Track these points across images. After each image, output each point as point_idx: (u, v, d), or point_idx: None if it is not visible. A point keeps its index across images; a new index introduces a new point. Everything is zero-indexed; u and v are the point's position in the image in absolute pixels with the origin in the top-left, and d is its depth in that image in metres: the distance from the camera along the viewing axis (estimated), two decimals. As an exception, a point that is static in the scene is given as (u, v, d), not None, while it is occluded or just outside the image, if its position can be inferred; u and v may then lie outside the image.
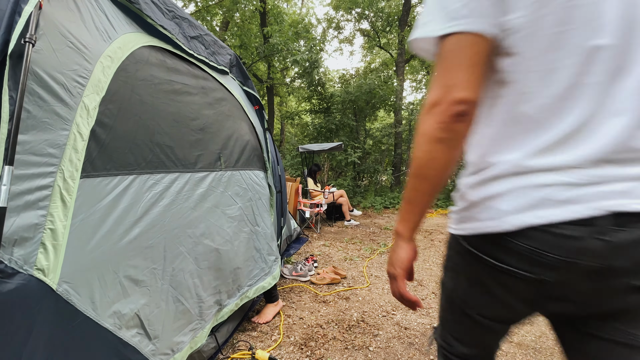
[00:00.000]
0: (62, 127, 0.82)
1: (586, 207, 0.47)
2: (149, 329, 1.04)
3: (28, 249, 0.73)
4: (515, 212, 0.51)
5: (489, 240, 0.55)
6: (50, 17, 0.82)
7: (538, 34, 0.49)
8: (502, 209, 0.53)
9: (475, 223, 0.57)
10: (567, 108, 0.50)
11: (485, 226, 0.55)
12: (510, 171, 0.53)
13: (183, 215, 1.26)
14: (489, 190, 0.55)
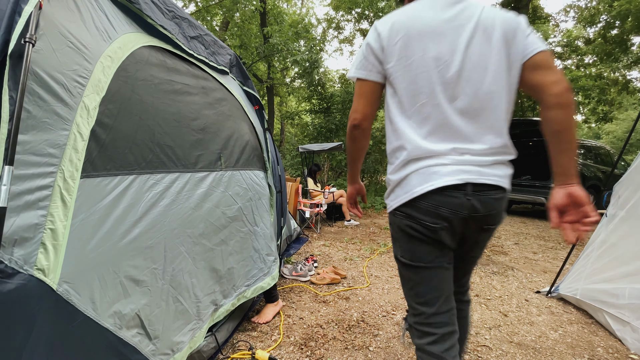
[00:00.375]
0: (62, 127, 0.82)
1: (454, 179, 0.80)
2: (149, 329, 1.04)
3: (28, 249, 0.73)
4: (418, 186, 0.84)
5: (408, 207, 0.86)
6: (50, 17, 0.82)
7: (405, 74, 0.86)
8: (412, 184, 0.85)
9: (399, 198, 0.88)
10: (431, 119, 0.85)
11: (403, 199, 0.87)
12: (405, 161, 0.87)
13: (183, 215, 1.26)
14: (401, 174, 0.88)
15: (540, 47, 0.83)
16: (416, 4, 0.91)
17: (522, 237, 4.26)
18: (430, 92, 0.84)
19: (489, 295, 2.30)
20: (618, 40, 9.59)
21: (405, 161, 0.87)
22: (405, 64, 0.85)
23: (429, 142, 0.84)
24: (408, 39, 0.85)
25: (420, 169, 0.84)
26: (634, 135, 20.43)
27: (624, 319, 1.68)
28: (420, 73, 0.84)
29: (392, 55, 0.86)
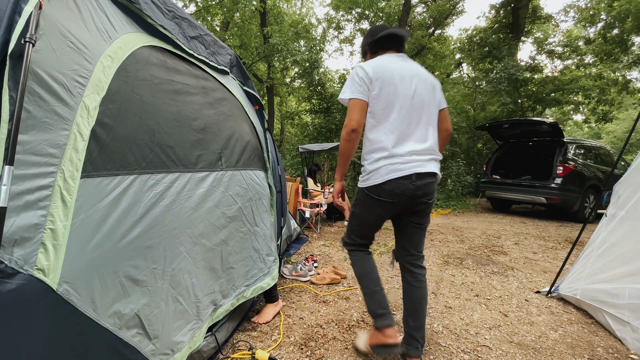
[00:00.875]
0: (62, 127, 0.82)
1: (405, 172, 1.30)
2: (149, 329, 1.04)
3: (28, 249, 0.73)
4: (384, 175, 1.32)
5: (375, 187, 1.35)
6: (51, 17, 0.82)
7: (382, 101, 1.33)
8: (381, 174, 1.33)
9: (370, 181, 1.37)
10: (395, 131, 1.34)
11: (374, 182, 1.35)
12: (378, 158, 1.35)
13: (184, 215, 1.26)
14: (375, 166, 1.35)
15: (446, 105, 1.51)
16: (381, 57, 1.44)
17: (522, 237, 4.26)
18: (397, 115, 1.35)
19: (489, 295, 2.30)
20: (618, 40, 9.59)
21: (378, 158, 1.35)
22: (383, 93, 1.34)
23: (395, 147, 1.34)
24: (384, 78, 1.35)
25: (388, 164, 1.33)
26: (634, 135, 20.43)
27: (624, 319, 1.68)
28: (392, 101, 1.35)
29: (375, 87, 1.35)
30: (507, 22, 10.86)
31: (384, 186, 1.34)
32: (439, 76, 13.14)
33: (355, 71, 1.38)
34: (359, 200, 1.46)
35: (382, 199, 1.36)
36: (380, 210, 1.40)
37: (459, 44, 12.52)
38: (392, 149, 1.32)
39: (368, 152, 1.38)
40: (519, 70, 8.33)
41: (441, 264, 3.02)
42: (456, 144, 9.06)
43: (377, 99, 1.34)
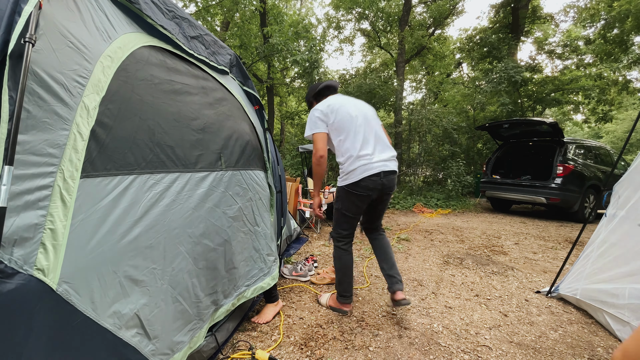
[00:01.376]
0: (62, 127, 0.82)
1: (376, 170, 1.77)
2: (148, 329, 1.04)
3: (28, 249, 0.73)
4: (360, 174, 1.76)
5: (354, 184, 1.79)
6: (50, 17, 0.82)
7: (341, 121, 1.82)
8: (357, 173, 1.77)
9: (349, 180, 1.80)
10: (359, 139, 1.82)
11: (352, 180, 1.78)
12: (352, 162, 1.79)
13: (183, 215, 1.26)
14: (351, 168, 1.79)
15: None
16: (332, 97, 1.95)
17: (522, 237, 4.26)
18: (356, 128, 1.83)
19: (489, 295, 2.30)
20: (618, 40, 9.59)
21: (352, 162, 1.79)
22: (339, 117, 1.82)
23: (361, 151, 1.79)
24: (336, 108, 1.84)
25: (362, 165, 1.77)
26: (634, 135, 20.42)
27: (624, 319, 1.68)
28: (348, 120, 1.83)
29: (332, 117, 1.83)
30: (507, 22, 10.86)
31: (360, 182, 1.78)
32: (439, 76, 13.15)
33: (312, 114, 1.87)
34: (340, 197, 1.90)
35: (359, 193, 1.81)
36: (358, 202, 1.84)
37: (459, 44, 12.52)
38: (359, 152, 1.78)
39: (344, 159, 1.83)
40: (519, 73, 8.32)
41: (441, 264, 3.02)
42: (456, 144, 9.05)
43: (337, 122, 1.82)
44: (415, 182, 8.89)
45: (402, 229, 4.73)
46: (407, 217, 5.89)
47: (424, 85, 14.87)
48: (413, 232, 4.47)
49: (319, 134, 1.81)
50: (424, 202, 7.22)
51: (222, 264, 1.49)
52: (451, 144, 8.74)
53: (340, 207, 1.89)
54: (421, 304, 2.13)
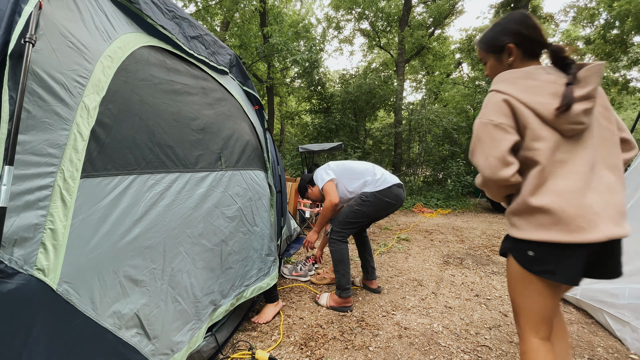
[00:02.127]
0: (62, 127, 0.82)
1: (397, 180, 2.13)
2: (148, 329, 1.04)
3: (28, 249, 0.73)
4: (390, 180, 2.10)
5: (385, 191, 2.06)
6: (50, 17, 0.82)
7: (350, 171, 2.26)
8: (386, 179, 2.10)
9: (381, 186, 2.07)
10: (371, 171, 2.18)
11: (384, 186, 2.07)
12: (374, 177, 2.15)
13: (183, 215, 1.26)
14: (377, 177, 2.12)
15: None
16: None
17: (522, 237, 4.26)
18: (366, 166, 2.21)
19: (489, 295, 2.30)
20: (618, 40, 9.59)
21: (373, 177, 2.12)
22: (344, 169, 2.22)
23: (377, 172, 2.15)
24: (341, 164, 2.25)
25: (384, 174, 2.15)
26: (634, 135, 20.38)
27: (624, 319, 1.68)
28: (355, 165, 2.24)
29: (337, 172, 2.20)
30: (507, 22, 10.85)
31: (392, 190, 2.05)
32: (439, 76, 13.15)
33: (323, 169, 2.23)
34: (368, 202, 2.04)
35: (389, 201, 2.05)
36: (384, 208, 2.09)
37: (459, 44, 12.52)
38: (374, 171, 2.18)
39: (362, 180, 2.13)
40: None
41: (441, 264, 3.02)
42: (456, 144, 9.05)
43: (345, 169, 2.22)
44: (415, 182, 8.89)
45: (402, 229, 4.73)
46: (407, 217, 5.89)
47: (424, 85, 14.88)
48: (413, 232, 4.47)
49: (330, 182, 2.12)
50: (424, 202, 7.22)
51: (220, 264, 1.49)
52: (451, 144, 8.74)
53: (364, 211, 2.05)
54: (421, 304, 2.13)
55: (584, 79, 0.87)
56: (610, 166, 0.90)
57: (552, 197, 0.86)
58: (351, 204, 2.09)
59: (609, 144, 0.92)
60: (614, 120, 0.96)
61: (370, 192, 2.05)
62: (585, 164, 0.87)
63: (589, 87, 0.85)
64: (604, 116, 0.93)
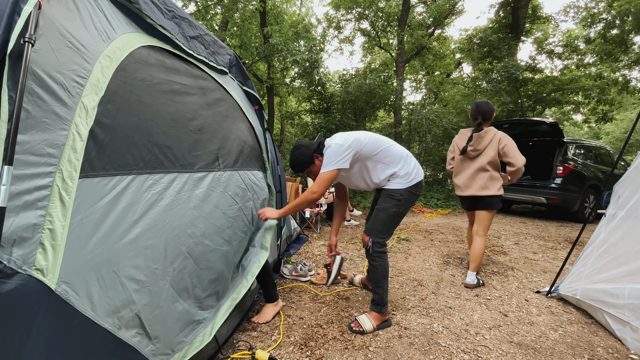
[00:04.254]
0: (61, 127, 0.82)
1: (421, 177, 1.81)
2: (149, 329, 1.04)
3: (27, 249, 0.73)
4: (420, 173, 1.80)
5: (416, 186, 1.77)
6: (50, 17, 0.82)
7: (370, 144, 1.75)
8: (413, 180, 1.75)
9: (413, 180, 1.75)
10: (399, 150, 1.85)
11: (416, 180, 1.76)
12: (406, 162, 1.80)
13: (183, 215, 1.26)
14: (410, 168, 1.77)
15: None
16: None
17: (522, 237, 4.26)
18: (389, 141, 1.84)
19: (489, 295, 2.30)
20: (618, 40, 9.59)
21: (405, 161, 1.79)
22: (377, 146, 1.77)
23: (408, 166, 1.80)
24: (376, 143, 1.77)
25: (415, 163, 1.82)
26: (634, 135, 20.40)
27: (624, 319, 1.68)
28: (378, 138, 1.82)
29: (360, 142, 1.73)
30: (507, 22, 10.86)
31: (420, 183, 1.78)
32: (439, 76, 13.14)
33: (343, 142, 1.72)
34: (402, 201, 1.74)
35: (418, 194, 1.79)
36: (412, 203, 1.82)
37: (459, 44, 12.51)
38: (404, 154, 1.87)
39: (397, 164, 1.78)
40: (519, 70, 8.33)
41: (441, 264, 3.02)
42: (456, 144, 9.04)
43: (368, 143, 1.80)
44: (415, 182, 8.86)
45: (402, 229, 4.73)
46: (407, 217, 5.89)
47: (424, 85, 14.87)
48: (413, 232, 4.47)
49: (332, 171, 1.65)
50: (424, 202, 7.22)
51: (224, 264, 1.49)
52: (451, 144, 8.73)
53: (402, 211, 1.76)
54: (421, 304, 2.13)
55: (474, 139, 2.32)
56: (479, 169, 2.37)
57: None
58: (385, 207, 1.74)
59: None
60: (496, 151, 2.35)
61: (405, 188, 1.72)
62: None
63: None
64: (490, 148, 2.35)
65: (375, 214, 1.79)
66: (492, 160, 2.34)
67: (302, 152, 1.75)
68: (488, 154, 2.31)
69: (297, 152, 1.76)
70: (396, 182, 1.74)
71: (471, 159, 2.41)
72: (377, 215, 1.77)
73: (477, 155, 2.36)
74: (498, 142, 2.29)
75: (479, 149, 2.36)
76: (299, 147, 1.78)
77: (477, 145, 2.36)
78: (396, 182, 1.74)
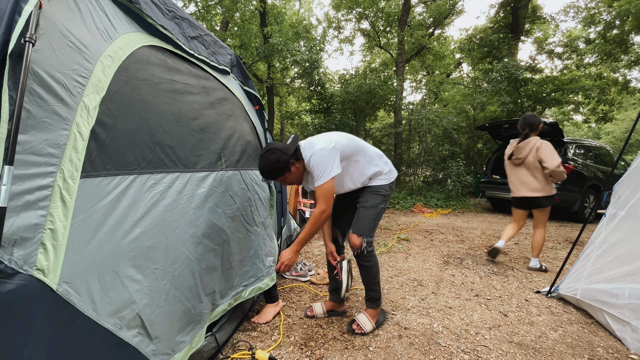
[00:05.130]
0: (62, 127, 0.82)
1: (396, 172, 1.84)
2: (150, 329, 1.04)
3: (28, 249, 0.73)
4: (394, 173, 1.80)
5: (394, 181, 1.79)
6: (51, 17, 0.82)
7: (350, 148, 1.65)
8: (392, 176, 1.78)
9: (393, 177, 1.78)
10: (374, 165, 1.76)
11: (395, 175, 1.80)
12: (384, 160, 1.81)
13: (185, 215, 1.26)
14: (389, 166, 1.80)
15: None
16: (308, 142, 1.69)
17: (522, 237, 4.26)
18: (376, 157, 1.79)
19: (488, 295, 2.30)
20: (618, 40, 9.59)
21: (382, 159, 1.80)
22: (356, 148, 1.70)
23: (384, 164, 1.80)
24: (354, 146, 1.69)
25: (390, 166, 1.82)
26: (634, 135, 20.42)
27: (624, 319, 1.68)
28: (353, 141, 1.71)
29: (341, 144, 1.62)
30: (507, 22, 10.86)
31: (396, 178, 1.81)
32: (439, 76, 13.14)
33: (326, 147, 1.61)
34: (387, 196, 1.75)
35: (393, 189, 1.82)
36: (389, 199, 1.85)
37: (459, 44, 12.52)
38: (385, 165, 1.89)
39: (377, 163, 1.76)
40: (519, 70, 8.33)
41: (441, 264, 3.02)
42: (456, 144, 9.05)
43: (347, 146, 1.73)
44: (415, 182, 8.89)
45: (402, 229, 4.73)
46: (407, 217, 5.89)
47: (423, 85, 14.87)
48: (413, 232, 4.47)
49: (332, 180, 1.52)
50: (424, 202, 7.22)
51: (220, 264, 1.49)
52: (451, 144, 8.74)
53: (383, 207, 1.73)
54: (421, 304, 2.13)
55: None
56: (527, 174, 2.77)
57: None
58: (374, 204, 1.69)
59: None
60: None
61: (388, 184, 1.73)
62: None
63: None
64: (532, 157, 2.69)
65: (364, 213, 1.68)
66: (535, 166, 2.70)
67: (277, 158, 1.49)
68: (529, 160, 2.70)
69: (271, 157, 1.49)
70: (381, 178, 1.73)
71: (517, 165, 2.83)
72: (365, 213, 1.68)
73: (520, 162, 2.77)
74: (536, 150, 2.65)
75: (521, 157, 2.75)
76: (273, 150, 1.50)
77: (518, 154, 2.78)
78: (381, 179, 1.73)
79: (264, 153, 1.53)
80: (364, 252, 1.67)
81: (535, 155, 2.67)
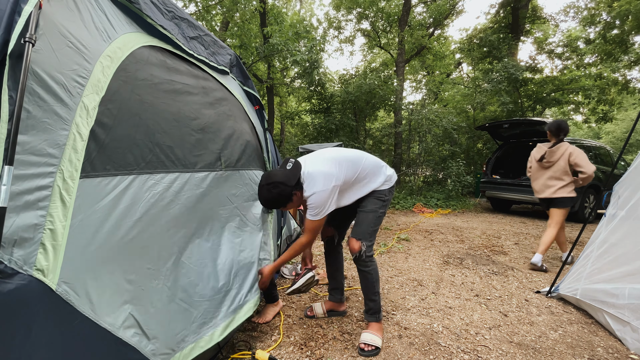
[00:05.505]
0: (61, 127, 0.82)
1: (396, 176, 1.83)
2: (146, 329, 1.03)
3: (28, 249, 0.73)
4: (394, 178, 1.78)
5: (394, 186, 1.77)
6: (50, 17, 0.82)
7: (351, 170, 1.63)
8: (393, 180, 1.76)
9: (392, 182, 1.76)
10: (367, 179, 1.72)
11: (394, 181, 1.77)
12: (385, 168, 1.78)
13: (180, 215, 1.26)
14: (389, 180, 1.74)
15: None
16: (310, 166, 1.63)
17: (522, 237, 4.26)
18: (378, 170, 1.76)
19: (489, 295, 2.30)
20: (618, 40, 9.59)
21: (383, 167, 1.77)
22: (346, 165, 1.64)
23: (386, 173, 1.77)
24: (340, 159, 1.62)
25: (390, 172, 1.78)
26: (634, 135, 20.42)
27: (624, 319, 1.68)
28: (351, 159, 1.67)
29: (342, 172, 1.59)
30: (507, 22, 10.86)
31: (395, 182, 1.81)
32: (439, 76, 13.15)
33: (329, 186, 1.55)
34: (387, 201, 1.76)
35: (393, 193, 1.84)
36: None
37: (459, 44, 12.52)
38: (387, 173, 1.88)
39: (382, 173, 1.75)
40: (519, 70, 8.33)
41: (441, 264, 3.02)
42: (456, 144, 9.05)
43: (348, 171, 1.70)
44: (415, 182, 8.89)
45: (402, 229, 4.73)
46: (407, 217, 5.89)
47: (424, 85, 14.88)
48: (413, 232, 4.47)
49: (322, 219, 1.55)
50: (424, 202, 7.22)
51: (222, 264, 1.48)
52: (451, 144, 8.74)
53: (383, 212, 1.74)
54: (421, 304, 2.13)
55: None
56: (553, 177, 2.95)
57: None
58: (373, 209, 1.69)
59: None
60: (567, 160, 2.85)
61: (387, 189, 1.73)
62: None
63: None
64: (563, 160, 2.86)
65: (363, 217, 1.70)
66: (564, 170, 2.88)
67: (280, 192, 1.45)
68: (560, 164, 2.85)
69: (274, 192, 1.45)
70: (381, 185, 1.73)
71: (545, 168, 2.98)
72: (365, 218, 1.69)
73: (550, 165, 2.92)
74: (569, 155, 2.80)
75: (552, 160, 2.90)
76: (276, 184, 1.44)
77: (550, 158, 2.92)
78: (381, 185, 1.72)
79: (265, 185, 1.47)
80: (363, 257, 1.67)
81: (567, 160, 2.84)
